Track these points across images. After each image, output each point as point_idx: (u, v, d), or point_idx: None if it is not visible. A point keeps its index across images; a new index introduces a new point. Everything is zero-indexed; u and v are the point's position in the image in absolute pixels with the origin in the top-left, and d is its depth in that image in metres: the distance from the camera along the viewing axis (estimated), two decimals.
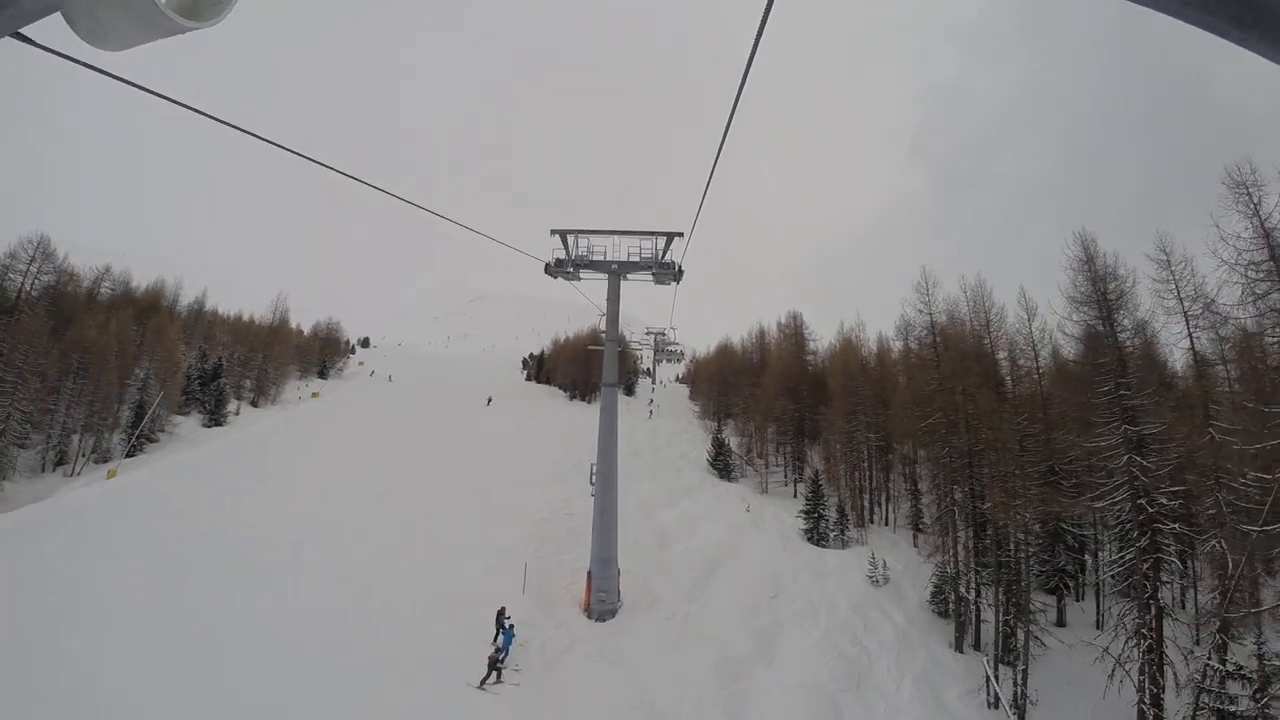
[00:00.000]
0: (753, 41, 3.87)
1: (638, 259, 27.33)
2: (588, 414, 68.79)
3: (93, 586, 24.92)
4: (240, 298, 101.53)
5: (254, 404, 74.70)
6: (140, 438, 53.30)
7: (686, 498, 46.81)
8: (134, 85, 4.05)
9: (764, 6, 3.21)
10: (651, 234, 27.02)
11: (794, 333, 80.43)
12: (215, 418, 62.94)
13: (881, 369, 51.08)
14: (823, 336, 74.82)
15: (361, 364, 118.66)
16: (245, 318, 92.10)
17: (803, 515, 42.63)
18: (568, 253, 27.67)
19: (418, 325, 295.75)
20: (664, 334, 70.61)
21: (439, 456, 49.87)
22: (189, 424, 60.91)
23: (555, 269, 26.41)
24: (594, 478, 26.84)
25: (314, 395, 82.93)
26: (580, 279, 28.80)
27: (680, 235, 26.70)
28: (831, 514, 42.86)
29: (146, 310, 70.21)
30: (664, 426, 74.84)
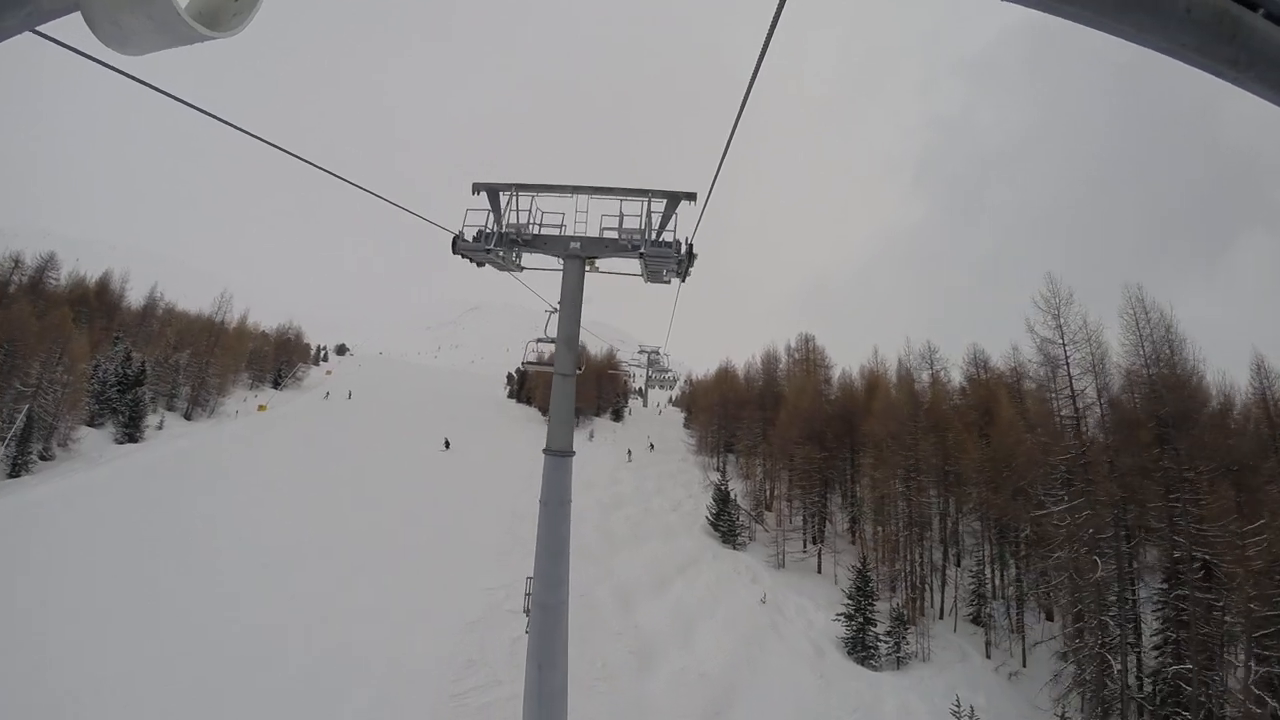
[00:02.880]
0: (755, 63, 3.70)
1: (617, 235, 14.66)
2: None
3: None
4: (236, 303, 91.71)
5: (186, 416, 64.07)
6: (26, 453, 42.53)
7: (680, 577, 35.34)
8: (145, 84, 4.16)
9: (767, 27, 3.17)
10: (643, 193, 14.77)
11: (807, 359, 69.67)
12: (130, 432, 52.82)
13: (937, 412, 39.77)
14: (838, 364, 63.22)
15: (329, 373, 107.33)
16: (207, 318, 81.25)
17: (843, 619, 31.10)
18: (499, 223, 15.03)
19: (410, 334, 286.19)
20: (657, 353, 58.87)
21: (358, 518, 37.81)
22: (98, 438, 50.40)
23: (470, 247, 14.17)
24: (528, 615, 14.41)
25: (260, 408, 72.25)
26: (520, 268, 16.58)
27: (692, 198, 13.76)
28: (880, 616, 31.38)
29: (76, 302, 61.32)
30: (654, 464, 63.28)
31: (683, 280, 15.81)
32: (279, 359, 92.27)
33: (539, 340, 17.49)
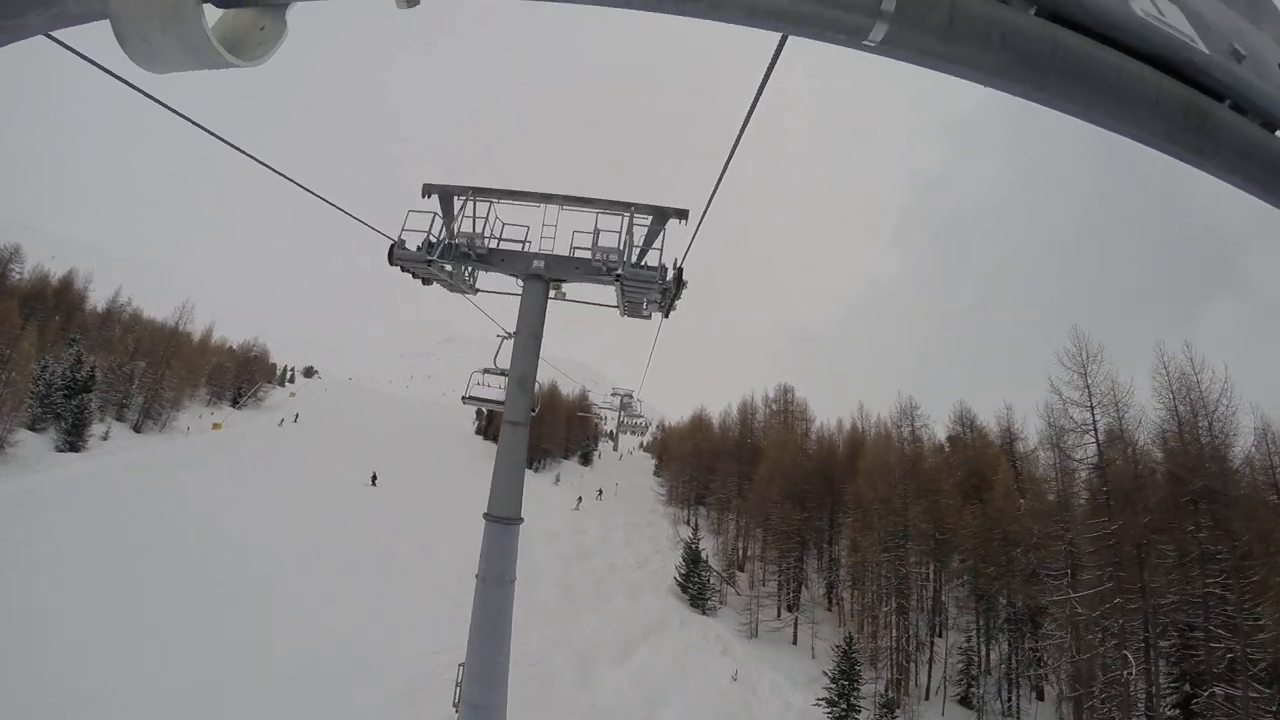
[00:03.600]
0: (745, 114, 3.67)
1: (590, 255, 11.94)
2: (530, 492, 53.73)
3: None
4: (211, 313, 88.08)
5: (136, 428, 60.67)
6: None
7: (645, 644, 32.03)
8: (148, 96, 4.17)
9: (759, 82, 3.22)
10: (625, 206, 12.11)
11: (786, 411, 67.55)
12: (71, 440, 49.87)
13: (926, 475, 37.46)
14: (818, 416, 61.14)
15: (293, 395, 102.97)
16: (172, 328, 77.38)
17: (825, 704, 28.03)
18: (450, 232, 12.29)
19: (383, 360, 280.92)
20: (631, 396, 56.06)
21: (293, 559, 33.83)
22: (38, 443, 47.19)
23: (410, 258, 11.38)
24: (457, 711, 11.24)
25: (215, 427, 68.42)
26: (474, 289, 13.89)
27: (683, 217, 11.21)
28: (864, 700, 28.38)
29: (32, 298, 58.90)
30: (621, 513, 59.97)
31: (666, 315, 13.06)
32: (240, 376, 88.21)
33: (485, 371, 14.64)
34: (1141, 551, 23.83)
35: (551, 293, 11.90)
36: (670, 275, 11.01)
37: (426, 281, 12.28)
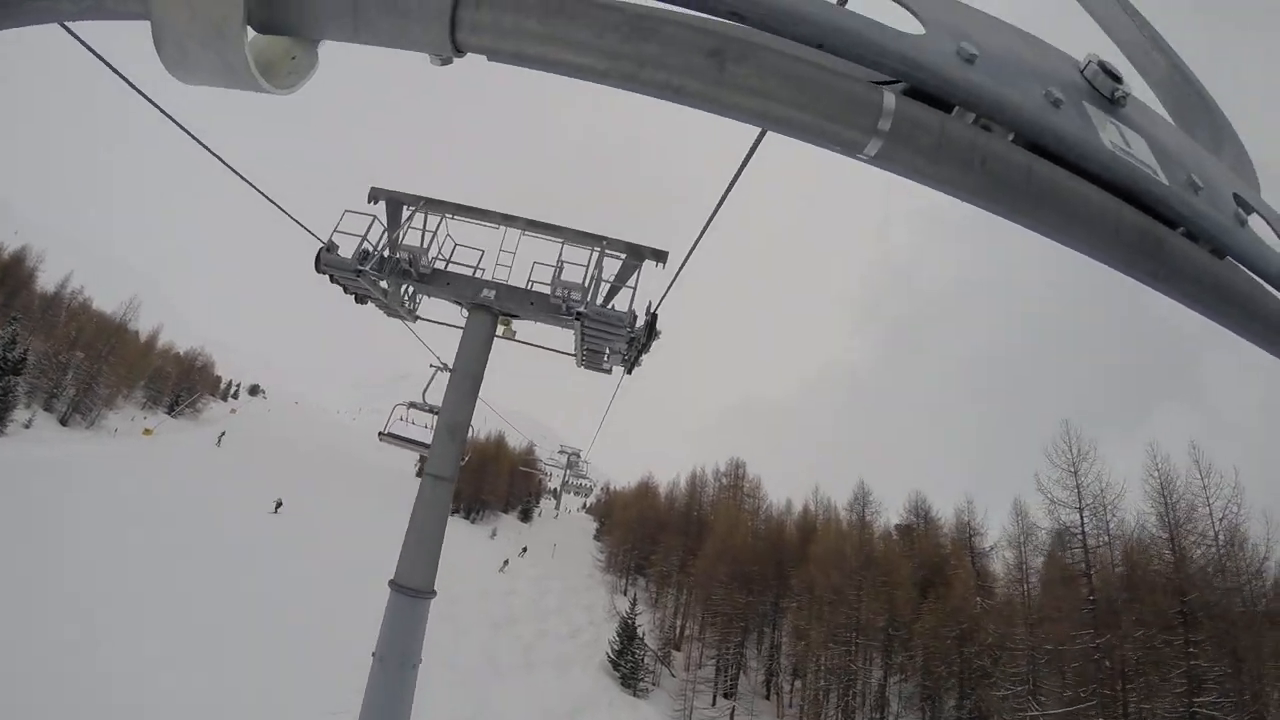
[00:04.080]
0: (721, 196, 3.86)
1: (549, 289, 10.56)
2: (464, 544, 50.93)
3: None
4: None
5: (62, 421, 57.62)
6: None
7: None
8: (152, 102, 4.45)
9: (735, 170, 3.48)
10: (596, 239, 10.92)
11: (736, 486, 66.49)
12: None
13: (881, 563, 36.51)
14: (769, 493, 60.13)
15: (234, 412, 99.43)
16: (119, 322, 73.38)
17: None
18: (393, 244, 10.82)
19: (335, 388, 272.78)
20: (578, 456, 54.36)
21: (177, 598, 29.82)
22: None
23: (340, 265, 9.80)
24: None
25: (146, 432, 65.41)
26: (414, 315, 12.44)
27: (662, 260, 10.37)
28: None
29: None
30: (557, 576, 57.23)
31: (629, 370, 11.90)
32: (181, 384, 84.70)
33: (411, 405, 12.99)
34: (1129, 669, 22.81)
35: (500, 329, 10.66)
36: (640, 323, 9.70)
37: (360, 300, 10.89)
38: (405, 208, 10.16)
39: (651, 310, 9.48)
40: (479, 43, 1.08)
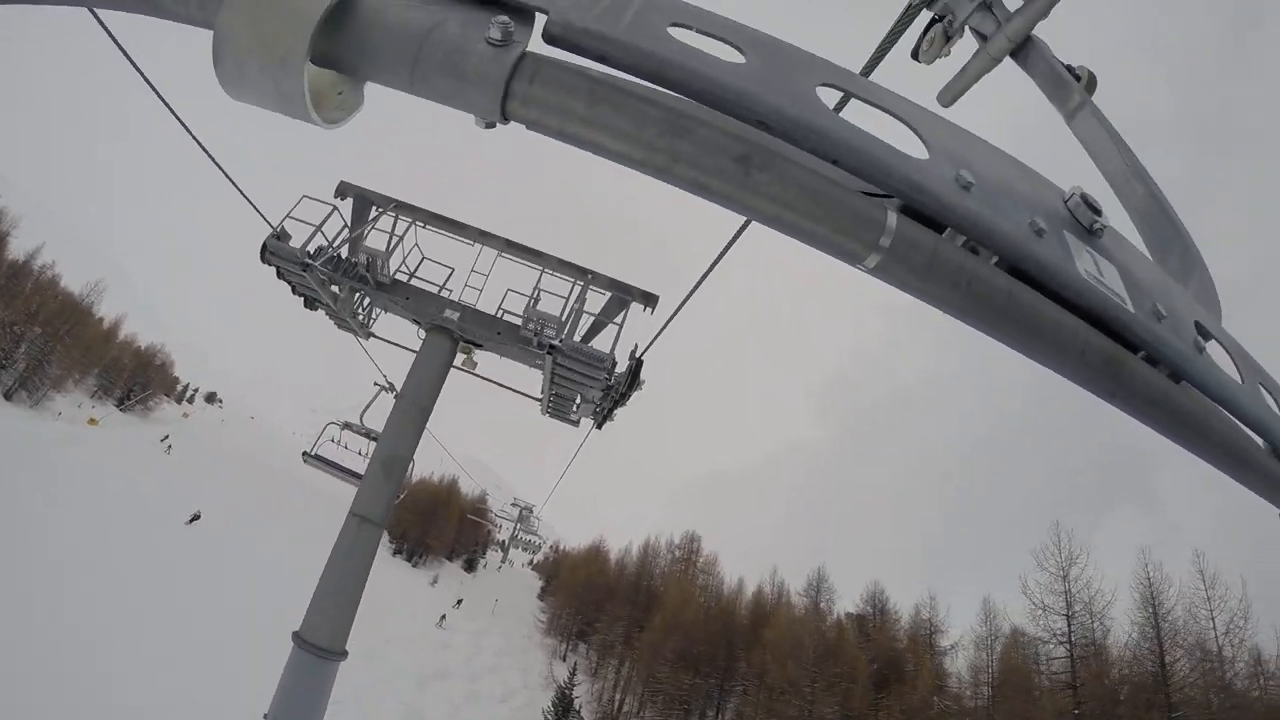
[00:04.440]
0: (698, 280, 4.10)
1: (519, 320, 9.41)
2: (402, 588, 48.67)
3: None
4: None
5: (6, 395, 55.93)
6: None
7: None
8: (167, 105, 4.71)
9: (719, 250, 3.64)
10: (581, 273, 9.72)
11: (689, 560, 65.20)
12: None
13: (839, 657, 35.48)
14: (724, 570, 58.97)
15: (186, 416, 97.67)
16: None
17: None
18: (353, 247, 9.48)
19: (294, 410, 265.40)
20: (530, 510, 52.88)
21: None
22: None
23: (287, 256, 8.39)
24: None
25: (91, 421, 64.07)
26: (368, 331, 11.42)
27: (652, 304, 9.29)
28: None
29: None
30: (496, 633, 54.76)
31: (600, 424, 10.84)
32: (136, 379, 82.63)
33: (346, 426, 11.68)
34: None
35: (459, 358, 9.61)
36: (624, 367, 8.42)
37: (310, 304, 9.78)
38: (374, 208, 9.43)
39: (637, 355, 8.30)
40: (526, 114, 1.12)
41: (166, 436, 70.70)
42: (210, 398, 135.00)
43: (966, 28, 2.75)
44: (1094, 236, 1.41)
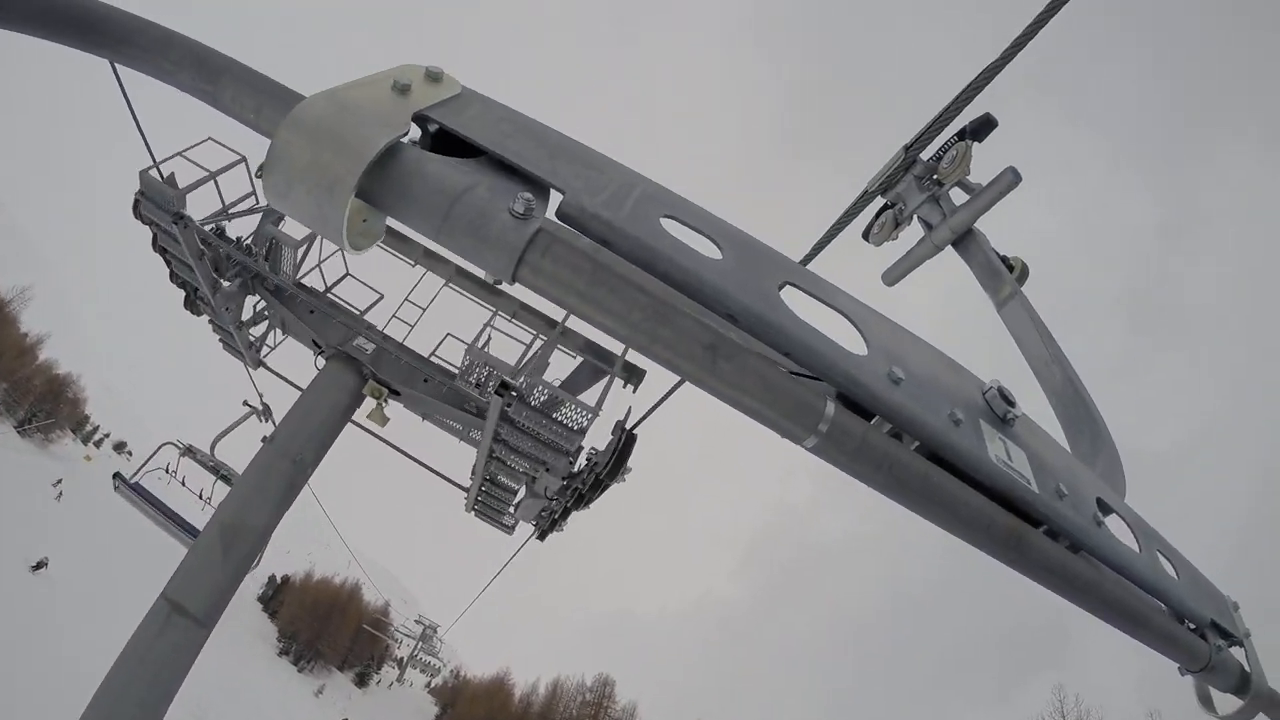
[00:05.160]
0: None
1: (458, 366, 7.22)
2: (282, 695, 43.51)
3: None
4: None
5: None
6: None
7: None
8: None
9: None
10: (549, 324, 7.82)
11: (600, 706, 60.52)
12: None
13: None
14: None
15: (89, 459, 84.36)
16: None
17: None
18: (259, 236, 7.23)
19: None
20: (435, 631, 50.09)
21: None
22: None
23: (161, 207, 5.95)
24: None
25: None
26: (256, 359, 8.52)
27: (638, 380, 7.35)
28: None
29: None
30: None
31: (543, 535, 8.72)
32: (42, 405, 75.82)
33: (189, 451, 9.13)
34: None
35: (367, 406, 7.27)
36: (608, 445, 6.23)
37: (191, 304, 7.67)
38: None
39: (626, 428, 5.98)
40: (534, 281, 1.22)
41: (60, 481, 64.78)
42: (119, 447, 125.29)
43: (915, 217, 3.11)
44: (1007, 425, 1.56)
